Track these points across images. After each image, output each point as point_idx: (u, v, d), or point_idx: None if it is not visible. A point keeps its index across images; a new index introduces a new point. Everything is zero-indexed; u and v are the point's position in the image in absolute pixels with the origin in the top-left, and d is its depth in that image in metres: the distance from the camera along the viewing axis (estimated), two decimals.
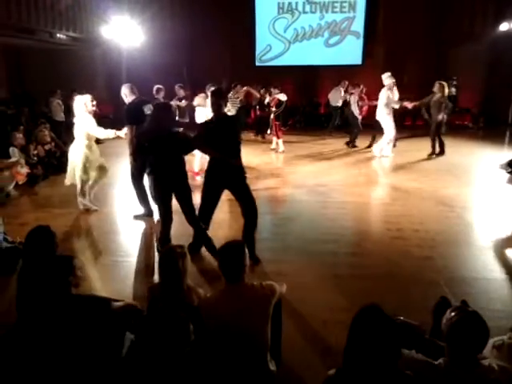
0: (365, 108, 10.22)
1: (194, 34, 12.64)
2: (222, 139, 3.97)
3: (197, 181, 6.55)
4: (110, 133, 5.40)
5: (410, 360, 1.86)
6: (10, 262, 3.83)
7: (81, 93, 5.77)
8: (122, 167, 7.25)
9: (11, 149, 6.75)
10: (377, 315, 1.81)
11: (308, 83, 13.87)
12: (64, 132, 9.56)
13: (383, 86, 8.86)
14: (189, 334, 1.87)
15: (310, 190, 6.75)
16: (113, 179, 6.67)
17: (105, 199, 6.09)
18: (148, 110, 5.09)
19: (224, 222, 5.13)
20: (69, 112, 8.48)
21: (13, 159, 6.58)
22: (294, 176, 7.69)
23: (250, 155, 8.32)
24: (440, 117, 8.61)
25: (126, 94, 5.31)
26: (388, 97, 8.70)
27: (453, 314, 1.80)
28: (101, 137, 5.54)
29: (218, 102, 4.01)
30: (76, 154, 5.48)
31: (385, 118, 8.84)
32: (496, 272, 4.10)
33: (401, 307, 3.04)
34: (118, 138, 5.47)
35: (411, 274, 3.98)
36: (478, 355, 1.77)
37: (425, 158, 8.79)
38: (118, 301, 2.49)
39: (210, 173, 4.13)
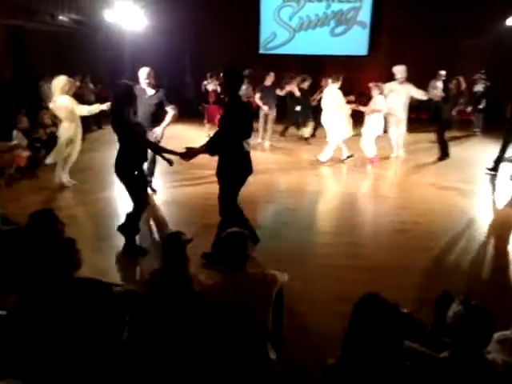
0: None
1: (198, 19, 12.46)
2: None
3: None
4: (93, 108, 6.04)
5: (414, 352, 1.84)
6: (11, 244, 3.79)
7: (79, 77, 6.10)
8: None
9: (15, 132, 6.68)
10: (378, 303, 1.79)
11: (313, 73, 13.67)
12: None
13: (390, 78, 7.94)
14: (193, 321, 1.85)
15: (310, 180, 6.73)
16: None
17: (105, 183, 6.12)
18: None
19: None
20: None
21: (14, 142, 6.52)
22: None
23: None
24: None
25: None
26: (415, 92, 7.69)
27: (459, 308, 1.78)
28: (85, 113, 6.06)
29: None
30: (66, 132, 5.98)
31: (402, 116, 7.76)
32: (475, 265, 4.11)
33: (399, 299, 3.03)
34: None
35: (409, 265, 3.99)
36: (483, 350, 1.76)
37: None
38: (118, 285, 2.48)
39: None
